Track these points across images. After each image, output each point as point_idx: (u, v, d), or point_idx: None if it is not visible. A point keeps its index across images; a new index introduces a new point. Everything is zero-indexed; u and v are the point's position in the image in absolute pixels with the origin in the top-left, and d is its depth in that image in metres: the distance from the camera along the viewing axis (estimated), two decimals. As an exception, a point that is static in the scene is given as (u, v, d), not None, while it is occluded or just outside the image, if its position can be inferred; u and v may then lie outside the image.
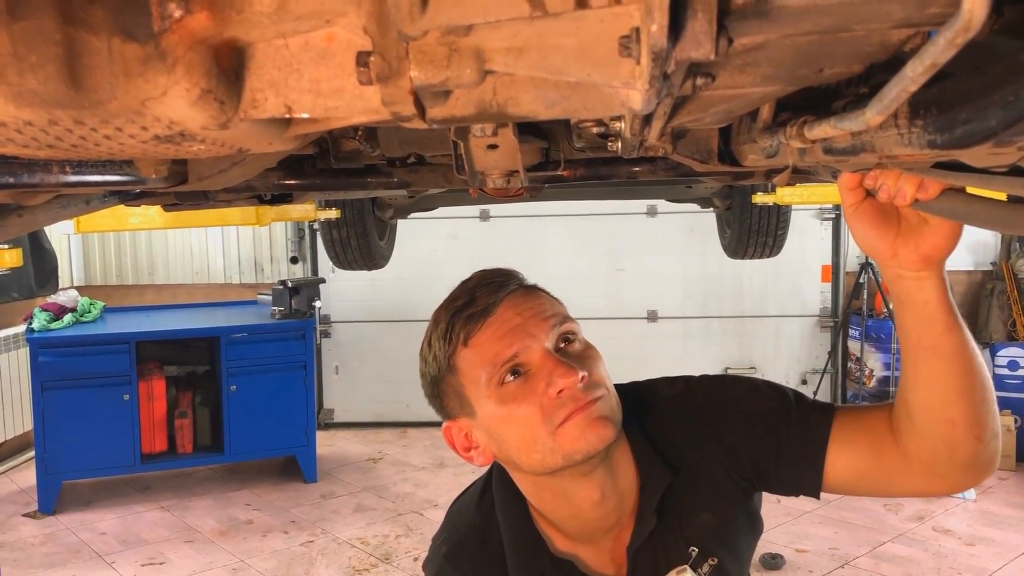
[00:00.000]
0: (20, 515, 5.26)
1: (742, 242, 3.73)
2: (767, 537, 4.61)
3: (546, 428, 1.13)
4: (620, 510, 1.25)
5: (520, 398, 1.14)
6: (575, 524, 1.25)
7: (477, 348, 1.16)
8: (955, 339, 1.09)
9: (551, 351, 1.15)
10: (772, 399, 1.27)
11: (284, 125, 0.72)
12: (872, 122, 0.62)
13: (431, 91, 0.59)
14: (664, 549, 1.27)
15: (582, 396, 1.13)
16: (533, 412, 1.13)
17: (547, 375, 1.13)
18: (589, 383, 1.14)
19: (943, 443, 1.12)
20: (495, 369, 1.15)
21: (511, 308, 1.17)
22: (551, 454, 1.15)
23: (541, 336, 1.15)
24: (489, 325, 1.16)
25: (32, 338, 5.27)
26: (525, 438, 1.16)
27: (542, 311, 1.18)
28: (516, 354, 1.14)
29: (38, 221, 1.14)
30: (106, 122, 0.62)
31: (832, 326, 6.83)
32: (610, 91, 0.60)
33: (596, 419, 1.13)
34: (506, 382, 1.15)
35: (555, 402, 1.13)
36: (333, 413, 7.22)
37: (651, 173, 1.33)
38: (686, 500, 1.27)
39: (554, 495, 1.23)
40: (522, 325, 1.15)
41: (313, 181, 1.36)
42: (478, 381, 1.17)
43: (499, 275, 1.22)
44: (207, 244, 7.30)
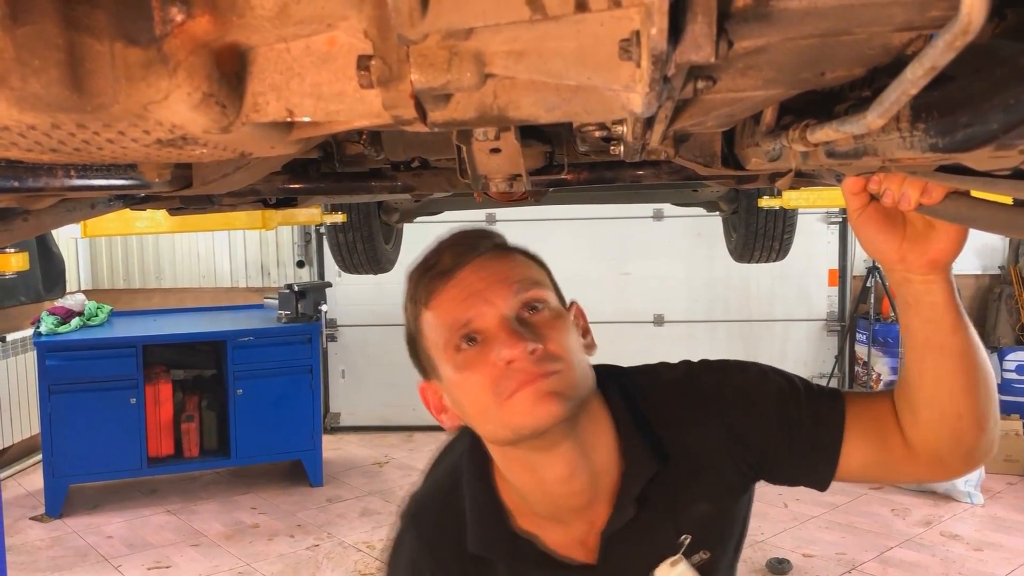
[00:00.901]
0: (27, 518, 5.27)
1: (748, 246, 3.73)
2: (773, 542, 4.60)
3: (494, 399, 1.09)
4: (594, 490, 1.19)
5: (473, 366, 1.10)
6: (543, 499, 1.20)
7: (437, 311, 1.14)
8: (962, 338, 1.10)
9: (508, 318, 1.10)
10: (782, 385, 1.24)
11: (286, 129, 0.72)
12: (873, 125, 0.62)
13: (432, 94, 0.59)
14: (649, 540, 1.22)
15: (532, 369, 1.07)
16: (483, 381, 1.09)
17: (498, 344, 1.08)
18: (543, 355, 1.08)
19: (949, 435, 1.14)
20: (450, 334, 1.11)
21: (475, 271, 1.13)
22: (501, 426, 1.11)
23: (499, 302, 1.10)
24: (450, 288, 1.13)
25: (39, 342, 5.29)
26: (477, 407, 1.12)
27: (507, 276, 1.13)
28: (470, 320, 1.10)
29: (44, 225, 1.14)
30: (108, 126, 0.62)
31: (839, 330, 6.82)
32: (611, 94, 0.60)
33: (545, 394, 1.06)
34: (462, 348, 1.11)
35: (503, 372, 1.07)
36: (339, 417, 7.22)
37: (655, 176, 1.33)
38: (682, 489, 1.22)
39: (521, 467, 1.18)
40: (482, 290, 1.11)
41: (317, 185, 1.36)
42: (438, 345, 1.14)
43: (473, 236, 1.18)
44: (214, 248, 7.31)
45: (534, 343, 1.07)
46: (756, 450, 1.22)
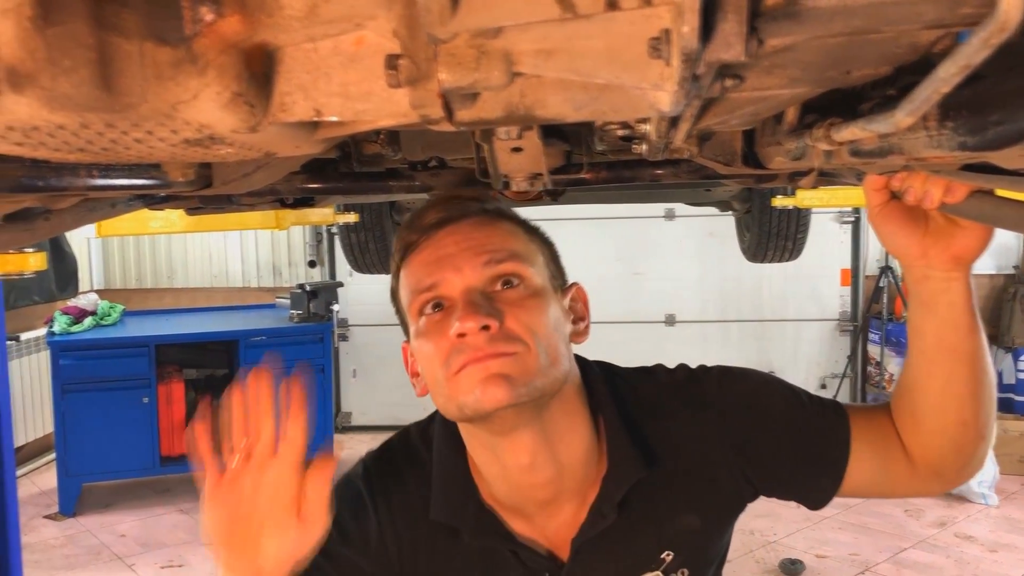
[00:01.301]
0: (41, 516, 5.30)
1: (761, 245, 3.72)
2: (786, 542, 4.58)
3: (444, 372, 1.04)
4: (559, 485, 1.12)
5: (430, 334, 1.05)
6: (504, 486, 1.13)
7: (409, 270, 1.11)
8: (975, 341, 1.07)
9: (472, 290, 1.04)
10: (786, 395, 1.20)
11: (312, 128, 0.72)
12: (902, 124, 0.62)
13: (460, 93, 0.59)
14: (627, 549, 1.15)
15: (483, 347, 1.01)
16: (436, 352, 1.04)
17: (454, 315, 1.03)
18: (499, 334, 1.01)
19: (951, 445, 1.11)
20: (414, 296, 1.08)
21: (452, 235, 1.08)
22: (447, 400, 1.06)
23: (468, 271, 1.05)
24: (424, 248, 1.09)
25: (53, 341, 5.32)
26: (429, 378, 1.08)
27: (483, 244, 1.07)
28: (434, 285, 1.06)
29: (65, 224, 1.15)
30: (137, 125, 0.62)
31: (851, 330, 6.79)
32: (639, 93, 0.59)
33: (492, 376, 1.00)
34: (425, 313, 1.07)
35: (455, 346, 1.02)
36: (350, 416, 7.24)
37: (674, 176, 1.33)
38: (670, 497, 1.15)
39: (483, 447, 1.12)
40: (452, 256, 1.06)
41: (336, 185, 1.37)
42: (406, 306, 1.11)
43: (464, 196, 1.14)
44: (226, 248, 7.34)
45: (487, 319, 1.01)
46: (757, 461, 1.16)
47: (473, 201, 1.13)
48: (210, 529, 0.99)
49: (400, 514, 1.17)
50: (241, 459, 0.98)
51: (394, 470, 1.21)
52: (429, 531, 1.16)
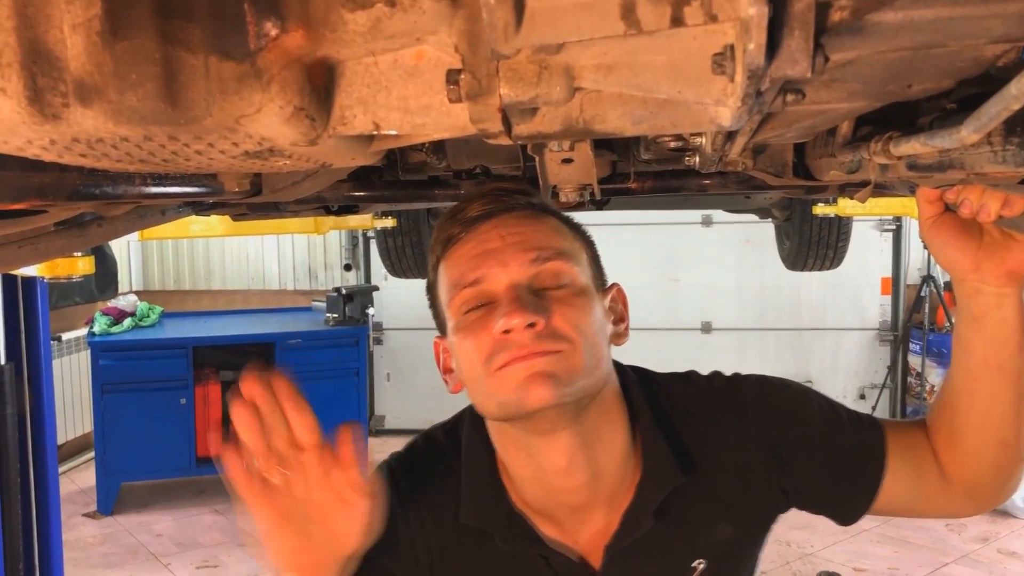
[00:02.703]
0: (80, 515, 5.38)
1: (802, 253, 3.68)
2: (824, 555, 4.53)
3: (486, 369, 1.01)
4: (594, 490, 1.09)
5: (473, 330, 1.02)
6: (537, 489, 1.11)
7: (450, 263, 1.07)
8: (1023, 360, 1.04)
9: (518, 285, 1.01)
10: (824, 407, 1.17)
11: (368, 141, 0.72)
12: (967, 140, 0.61)
13: (519, 108, 0.59)
14: (661, 557, 1.12)
15: (529, 344, 0.98)
16: (479, 348, 1.01)
17: (499, 312, 1.00)
18: (544, 331, 0.98)
19: (991, 465, 1.09)
20: (456, 291, 1.04)
21: (497, 228, 1.05)
22: (487, 398, 1.03)
23: (514, 267, 1.02)
24: (467, 241, 1.05)
25: (93, 341, 5.40)
26: (469, 375, 1.05)
27: (530, 240, 1.03)
28: (479, 279, 1.02)
29: (117, 231, 1.16)
30: (199, 138, 0.63)
31: (892, 340, 6.70)
32: (699, 108, 0.59)
33: (536, 374, 0.97)
34: (469, 309, 1.03)
35: (499, 343, 0.99)
36: (384, 420, 7.27)
37: (722, 186, 1.32)
38: (706, 505, 1.13)
39: (517, 448, 1.09)
40: (498, 250, 1.03)
41: (382, 193, 1.37)
42: (446, 298, 1.07)
43: (510, 190, 1.09)
44: (263, 251, 7.41)
45: (535, 315, 0.98)
46: (792, 471, 1.14)
47: (519, 194, 1.09)
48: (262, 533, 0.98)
49: (429, 517, 1.15)
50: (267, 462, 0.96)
51: (421, 472, 1.18)
52: (458, 534, 1.14)
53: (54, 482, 3.21)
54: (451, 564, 1.15)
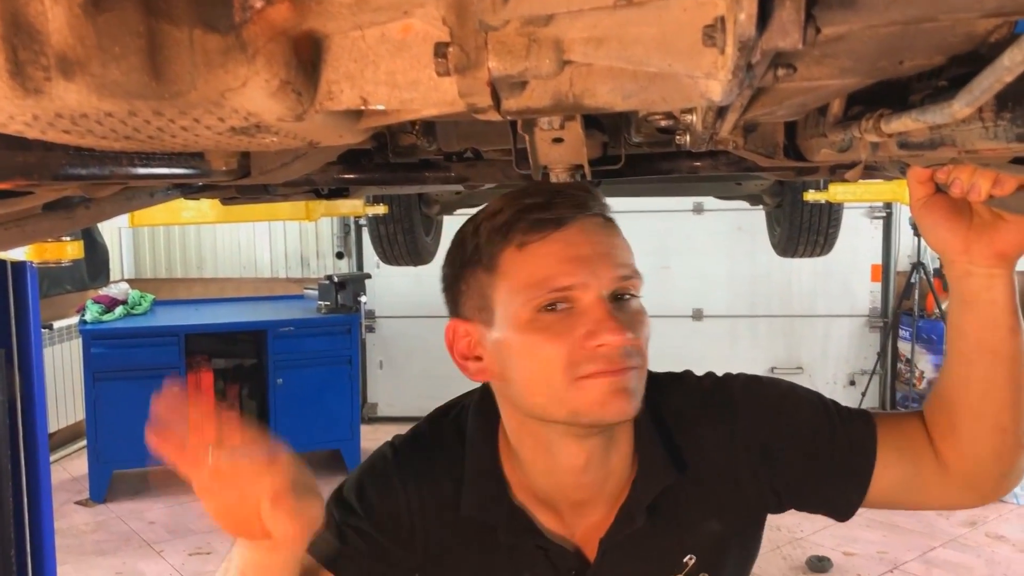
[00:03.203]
0: (72, 502, 5.38)
1: (792, 240, 3.68)
2: (814, 539, 4.55)
3: (565, 375, 1.01)
4: (600, 488, 1.13)
5: (553, 334, 1.02)
6: (545, 481, 1.13)
7: (531, 258, 1.04)
8: (1017, 343, 1.04)
9: (606, 299, 1.03)
10: (814, 402, 1.18)
11: (356, 117, 0.72)
12: (959, 115, 0.61)
13: (508, 82, 0.59)
14: (651, 553, 1.16)
15: (618, 360, 1.01)
16: (559, 354, 1.01)
17: (593, 323, 1.00)
18: (631, 349, 1.02)
19: (990, 452, 1.07)
20: (541, 292, 1.02)
21: (584, 233, 1.04)
22: (558, 404, 1.03)
23: (605, 279, 1.03)
24: (555, 240, 1.03)
25: (84, 329, 5.38)
26: (537, 376, 1.04)
27: (615, 254, 1.06)
28: (571, 287, 1.02)
29: (104, 213, 1.16)
30: (184, 113, 0.62)
31: (882, 327, 6.72)
32: (690, 82, 0.59)
33: (622, 390, 1.01)
34: (545, 310, 1.02)
35: (588, 354, 1.01)
36: (377, 407, 7.27)
37: (713, 168, 1.32)
38: (695, 503, 1.16)
39: (536, 443, 1.11)
40: (590, 258, 1.03)
41: (372, 175, 1.36)
42: (515, 293, 1.04)
43: (582, 191, 1.07)
44: (255, 239, 7.39)
45: (633, 334, 1.02)
46: (781, 468, 1.15)
47: (591, 198, 1.08)
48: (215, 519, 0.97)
49: (430, 504, 1.16)
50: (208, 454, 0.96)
51: (425, 459, 1.19)
52: (457, 524, 1.15)
53: (45, 470, 3.20)
54: (448, 552, 1.17)
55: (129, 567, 4.49)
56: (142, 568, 4.48)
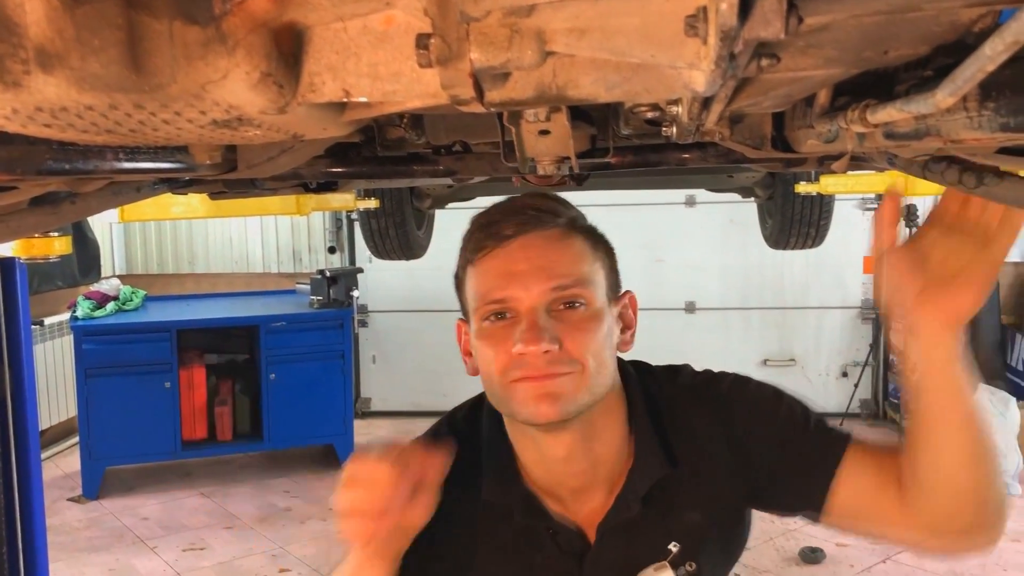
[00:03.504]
0: (65, 499, 5.36)
1: (784, 232, 3.68)
2: (807, 531, 4.57)
3: (502, 379, 1.12)
4: (592, 476, 1.21)
5: (492, 340, 1.13)
6: (542, 471, 1.22)
7: (478, 272, 1.15)
8: (967, 405, 1.06)
9: (536, 310, 1.10)
10: (794, 408, 1.23)
11: (339, 110, 0.71)
12: (943, 104, 0.61)
13: (491, 73, 0.59)
14: (641, 539, 1.22)
15: (541, 367, 1.09)
16: (495, 358, 1.12)
17: (518, 333, 1.09)
18: (556, 357, 1.09)
19: (946, 506, 1.10)
20: (482, 303, 1.14)
21: (524, 250, 1.13)
22: (502, 402, 1.15)
23: (535, 292, 1.10)
24: (495, 256, 1.14)
25: (76, 326, 5.36)
26: (486, 377, 1.15)
27: (553, 267, 1.12)
28: (504, 299, 1.12)
29: (90, 208, 1.15)
30: (166, 106, 0.62)
31: (874, 318, 6.74)
32: (673, 72, 0.58)
33: (546, 394, 1.09)
34: (488, 319, 1.13)
35: (515, 360, 1.10)
36: (370, 402, 7.26)
37: (701, 160, 1.32)
38: (680, 494, 1.22)
39: (524, 436, 1.21)
40: (523, 273, 1.11)
41: (360, 169, 1.36)
42: (471, 303, 1.17)
43: (543, 207, 1.16)
44: (246, 234, 7.37)
45: (550, 344, 1.08)
46: (756, 468, 1.21)
47: (552, 214, 1.16)
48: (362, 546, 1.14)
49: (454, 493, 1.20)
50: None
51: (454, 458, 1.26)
52: (478, 509, 1.23)
53: (36, 466, 3.18)
54: (472, 536, 1.25)
55: (122, 563, 4.48)
56: (135, 564, 4.47)
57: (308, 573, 4.32)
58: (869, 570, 4.21)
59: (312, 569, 4.36)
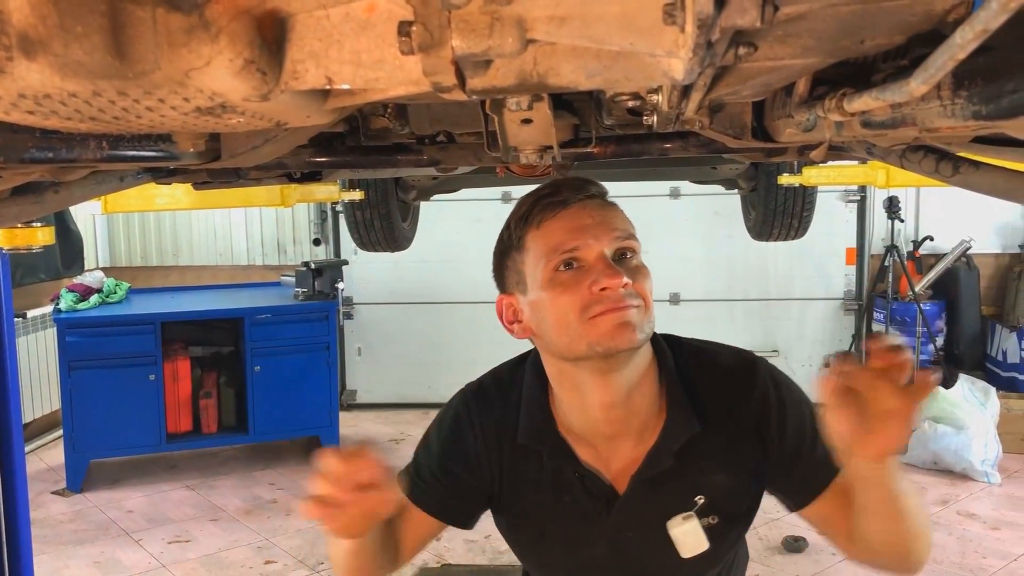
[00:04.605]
0: (49, 492, 5.33)
1: (767, 224, 3.70)
2: (790, 519, 4.60)
3: (580, 317, 1.26)
4: (626, 424, 1.37)
5: (567, 286, 1.27)
6: (580, 418, 1.38)
7: (546, 232, 1.31)
8: (900, 508, 1.25)
9: (607, 256, 1.28)
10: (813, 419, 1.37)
11: (322, 97, 0.72)
12: (916, 92, 0.62)
13: (472, 61, 0.59)
14: (671, 490, 1.39)
15: (620, 299, 1.25)
16: (574, 301, 1.26)
17: (596, 273, 1.26)
18: (629, 291, 1.26)
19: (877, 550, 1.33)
20: (554, 254, 1.29)
21: (585, 209, 1.31)
22: (578, 339, 1.27)
23: (604, 240, 1.28)
24: (562, 216, 1.30)
25: (59, 318, 5.33)
26: (560, 320, 1.29)
27: (611, 222, 1.31)
28: (576, 248, 1.28)
29: (73, 197, 1.15)
30: (149, 93, 0.62)
31: (856, 309, 6.79)
32: (652, 60, 0.59)
33: (625, 323, 1.25)
34: (560, 269, 1.28)
35: (595, 297, 1.25)
36: (356, 394, 7.26)
37: (683, 150, 1.33)
38: (711, 455, 1.38)
39: (572, 384, 1.36)
40: (590, 226, 1.29)
41: (344, 159, 1.36)
42: (538, 261, 1.31)
43: (587, 181, 1.36)
44: (231, 226, 7.34)
45: (627, 278, 1.26)
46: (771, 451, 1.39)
47: (591, 185, 1.35)
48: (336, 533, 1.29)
49: (493, 436, 1.45)
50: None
51: (488, 401, 1.48)
52: (513, 451, 1.43)
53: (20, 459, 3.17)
54: (510, 474, 1.46)
55: (107, 556, 4.47)
56: (120, 557, 4.46)
57: (294, 565, 4.32)
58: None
59: (298, 561, 4.36)
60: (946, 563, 4.19)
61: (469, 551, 4.38)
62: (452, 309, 6.98)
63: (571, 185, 1.34)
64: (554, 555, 1.51)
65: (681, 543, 1.40)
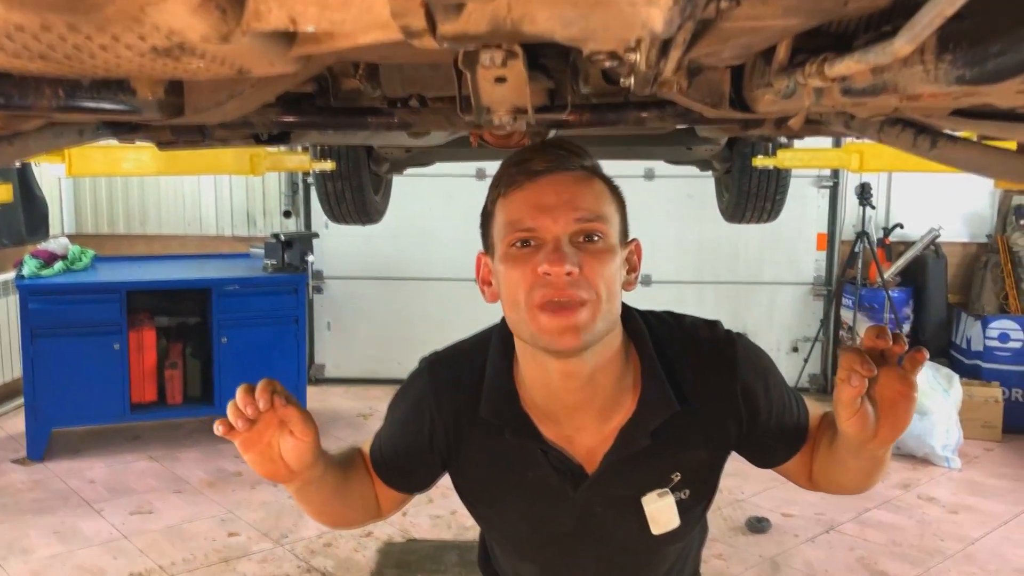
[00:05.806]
0: (9, 461, 5.26)
1: (740, 206, 3.70)
2: (754, 501, 4.65)
3: (525, 299, 1.24)
4: (588, 399, 1.34)
5: (518, 263, 1.25)
6: (543, 392, 1.35)
7: (509, 204, 1.28)
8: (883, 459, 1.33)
9: (560, 239, 1.23)
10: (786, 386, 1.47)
11: (287, 43, 0.69)
12: (901, 52, 0.60)
13: (443, 4, 0.57)
14: (648, 470, 1.39)
15: (563, 288, 1.21)
16: (521, 280, 1.24)
17: (543, 255, 1.22)
18: (576, 280, 1.21)
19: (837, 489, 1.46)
20: (512, 230, 1.26)
21: (553, 185, 1.26)
22: (524, 324, 1.26)
23: (562, 222, 1.23)
24: (528, 189, 1.27)
25: (22, 285, 5.23)
26: (510, 298, 1.27)
27: (577, 202, 1.25)
28: (532, 228, 1.24)
29: (29, 149, 1.11)
30: (102, 29, 0.59)
31: (825, 294, 6.84)
32: (631, 10, 0.57)
33: (570, 327, 1.21)
34: (516, 245, 1.26)
35: (539, 280, 1.22)
36: (324, 369, 7.22)
37: (659, 119, 1.31)
38: (690, 433, 1.37)
39: (532, 359, 1.33)
40: (551, 206, 1.24)
41: (312, 119, 1.33)
42: (500, 231, 1.29)
43: (568, 150, 1.31)
44: (200, 195, 7.23)
45: (572, 267, 1.20)
46: (758, 425, 1.40)
47: (576, 156, 1.31)
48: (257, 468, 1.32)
49: (450, 407, 1.42)
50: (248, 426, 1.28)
51: (451, 373, 1.45)
52: (474, 425, 1.41)
53: (-22, 425, 3.12)
54: (466, 448, 1.44)
55: (68, 526, 4.41)
56: (81, 527, 4.41)
57: (257, 537, 4.30)
58: (813, 540, 4.30)
59: (261, 533, 4.33)
60: (905, 545, 4.25)
61: (435, 526, 4.38)
62: (423, 285, 6.94)
63: (549, 154, 1.29)
64: (517, 528, 1.50)
65: (655, 520, 1.40)
